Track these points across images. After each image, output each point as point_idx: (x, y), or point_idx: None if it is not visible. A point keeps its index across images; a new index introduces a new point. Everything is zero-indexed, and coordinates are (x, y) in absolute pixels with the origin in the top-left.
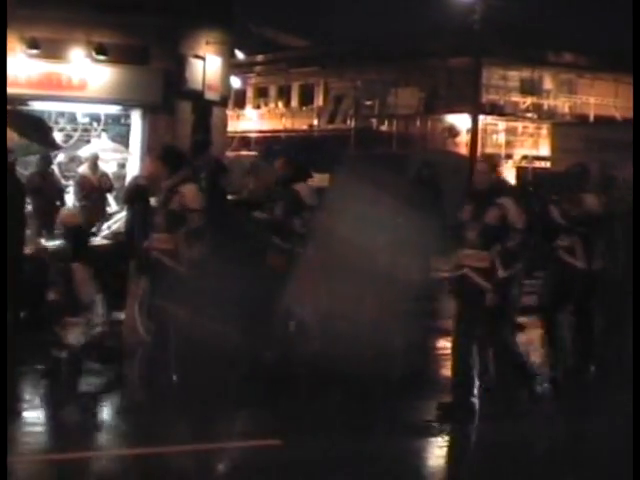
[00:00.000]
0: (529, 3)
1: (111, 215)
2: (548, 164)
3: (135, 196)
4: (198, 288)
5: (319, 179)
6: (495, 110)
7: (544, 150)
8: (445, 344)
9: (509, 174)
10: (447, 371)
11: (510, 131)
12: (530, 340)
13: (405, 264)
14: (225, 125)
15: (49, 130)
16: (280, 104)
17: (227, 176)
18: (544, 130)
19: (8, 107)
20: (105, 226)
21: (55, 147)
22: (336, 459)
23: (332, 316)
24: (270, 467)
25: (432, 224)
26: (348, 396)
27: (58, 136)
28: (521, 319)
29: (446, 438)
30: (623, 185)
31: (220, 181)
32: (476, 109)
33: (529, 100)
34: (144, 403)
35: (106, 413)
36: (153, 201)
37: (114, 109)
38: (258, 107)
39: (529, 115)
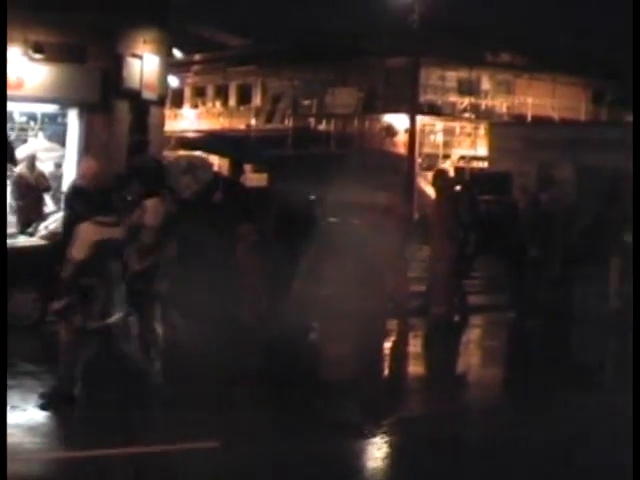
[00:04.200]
0: (467, 3)
1: (48, 215)
2: (486, 164)
3: (75, 198)
4: None
5: (257, 178)
6: (433, 110)
7: (482, 150)
8: None
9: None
10: None
11: (448, 131)
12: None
13: None
14: (162, 124)
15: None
16: (218, 103)
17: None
18: (482, 130)
19: None
20: (42, 226)
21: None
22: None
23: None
24: (208, 470)
25: None
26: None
27: None
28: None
29: (385, 439)
30: (560, 184)
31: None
32: (414, 109)
33: (467, 100)
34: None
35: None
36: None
37: (51, 108)
38: (196, 106)
39: (467, 115)
